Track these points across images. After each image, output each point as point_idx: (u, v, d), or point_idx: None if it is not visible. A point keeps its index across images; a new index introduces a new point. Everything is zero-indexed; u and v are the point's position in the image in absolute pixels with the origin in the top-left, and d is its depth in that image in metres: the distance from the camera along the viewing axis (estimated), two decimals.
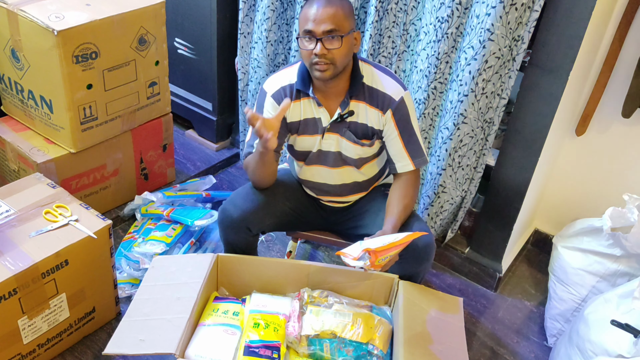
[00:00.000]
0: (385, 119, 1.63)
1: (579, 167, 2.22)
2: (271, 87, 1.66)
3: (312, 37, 1.50)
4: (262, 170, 1.65)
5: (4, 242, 1.62)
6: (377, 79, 1.63)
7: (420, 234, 1.50)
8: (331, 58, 1.51)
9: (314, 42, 1.50)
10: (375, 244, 1.43)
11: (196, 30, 2.59)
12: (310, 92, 1.63)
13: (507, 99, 1.89)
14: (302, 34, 1.52)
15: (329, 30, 1.49)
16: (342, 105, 1.63)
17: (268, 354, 1.45)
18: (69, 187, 2.10)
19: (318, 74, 1.54)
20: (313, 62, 1.52)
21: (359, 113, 1.64)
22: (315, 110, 1.65)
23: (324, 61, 1.51)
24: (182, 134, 2.95)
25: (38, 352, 1.72)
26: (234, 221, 1.67)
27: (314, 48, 1.50)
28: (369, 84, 1.63)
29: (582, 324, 1.73)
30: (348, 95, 1.62)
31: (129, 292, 2.03)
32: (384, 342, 1.55)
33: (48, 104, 2.02)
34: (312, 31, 1.50)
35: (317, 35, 1.50)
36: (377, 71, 1.65)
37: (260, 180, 1.69)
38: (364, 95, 1.63)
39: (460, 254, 2.30)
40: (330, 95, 1.64)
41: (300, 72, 1.64)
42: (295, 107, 1.66)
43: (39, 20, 1.85)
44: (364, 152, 1.69)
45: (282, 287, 1.70)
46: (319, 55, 1.50)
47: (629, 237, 1.78)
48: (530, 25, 1.73)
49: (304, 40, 1.53)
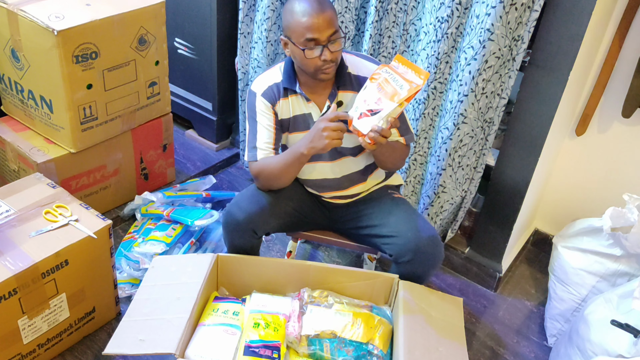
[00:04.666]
0: None
1: (579, 167, 2.22)
2: (259, 87, 1.68)
3: (317, 45, 1.51)
4: (295, 170, 1.65)
5: (4, 242, 1.62)
6: (361, 66, 1.67)
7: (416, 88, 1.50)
8: (335, 59, 1.55)
9: (320, 48, 1.52)
10: (387, 107, 1.47)
11: (196, 30, 2.59)
12: (297, 88, 1.64)
13: (507, 99, 1.89)
14: (304, 44, 1.52)
15: (331, 34, 1.51)
16: (331, 97, 1.65)
17: (268, 353, 1.45)
18: (69, 187, 2.10)
19: (324, 77, 1.57)
20: (321, 68, 1.54)
21: (348, 103, 1.66)
22: (304, 106, 1.67)
23: (331, 65, 1.54)
24: (182, 134, 2.95)
25: (38, 352, 1.72)
26: (240, 224, 1.66)
27: (320, 54, 1.52)
28: (354, 73, 1.66)
29: (582, 324, 1.73)
30: (335, 87, 1.64)
31: (129, 292, 2.03)
32: (384, 342, 1.55)
33: (48, 104, 2.02)
34: (316, 39, 1.51)
35: (322, 42, 1.51)
36: (356, 58, 1.68)
37: (280, 182, 1.68)
38: (351, 84, 1.65)
39: (460, 254, 2.30)
40: (317, 90, 1.65)
41: (285, 71, 1.66)
42: (284, 105, 1.67)
43: (39, 20, 1.85)
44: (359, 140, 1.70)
45: (282, 287, 1.70)
46: (329, 61, 1.53)
47: (629, 237, 1.78)
48: (530, 25, 1.73)
49: (307, 50, 1.53)
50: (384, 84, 1.50)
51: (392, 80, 1.49)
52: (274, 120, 1.67)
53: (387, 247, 1.68)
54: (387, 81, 1.50)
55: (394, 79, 1.49)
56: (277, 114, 1.68)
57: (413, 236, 1.62)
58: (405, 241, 1.63)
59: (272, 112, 1.67)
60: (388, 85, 1.49)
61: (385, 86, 1.50)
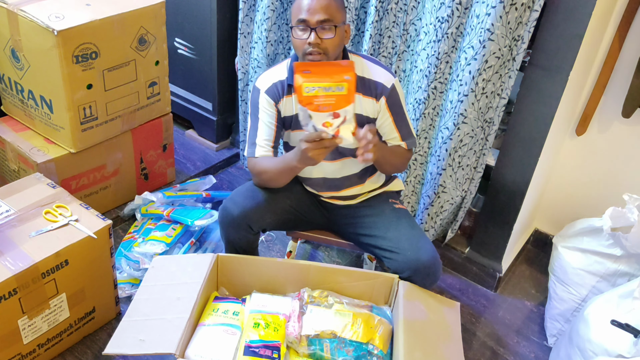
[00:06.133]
0: (380, 105, 1.67)
1: (579, 167, 2.22)
2: (264, 84, 1.68)
3: (306, 27, 1.52)
4: (288, 177, 1.67)
5: (4, 242, 1.62)
6: (368, 69, 1.66)
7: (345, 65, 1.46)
8: (324, 48, 1.54)
9: (308, 31, 1.53)
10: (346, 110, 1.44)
11: (196, 30, 2.59)
12: None
13: (507, 99, 1.89)
14: (296, 24, 1.54)
15: (323, 20, 1.51)
16: None
17: (268, 353, 1.45)
18: (69, 187, 2.10)
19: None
20: (307, 51, 1.54)
21: None
22: None
23: (317, 50, 1.53)
24: (182, 134, 2.95)
25: (38, 352, 1.72)
26: (235, 219, 1.67)
27: (307, 37, 1.52)
28: (360, 75, 1.65)
29: (582, 324, 1.73)
30: None
31: (129, 292, 2.03)
32: (384, 342, 1.55)
33: (48, 104, 2.02)
34: (306, 20, 1.52)
35: (312, 25, 1.52)
36: (366, 61, 1.68)
37: (276, 183, 1.70)
38: (356, 85, 1.64)
39: (460, 254, 2.30)
40: None
41: (290, 68, 1.66)
42: (287, 102, 1.67)
43: (39, 20, 1.85)
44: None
45: (282, 287, 1.70)
46: (313, 45, 1.52)
47: (629, 237, 1.78)
48: (530, 25, 1.73)
49: (297, 30, 1.54)
50: (320, 99, 1.44)
51: (325, 90, 1.44)
52: (276, 118, 1.68)
53: (387, 260, 1.70)
54: (322, 95, 1.44)
55: (326, 89, 1.43)
56: (279, 111, 1.68)
57: (413, 256, 1.63)
58: (405, 259, 1.63)
59: (274, 109, 1.67)
60: (327, 98, 1.44)
61: (325, 100, 1.44)
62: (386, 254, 1.69)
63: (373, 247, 1.74)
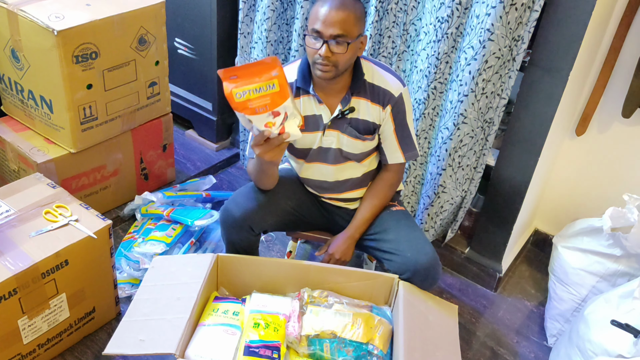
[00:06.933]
0: (385, 113, 1.67)
1: (579, 167, 2.22)
2: None
3: (319, 38, 1.51)
4: (266, 178, 1.68)
5: (4, 242, 1.62)
6: (378, 76, 1.66)
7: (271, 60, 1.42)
8: (334, 61, 1.52)
9: (320, 42, 1.51)
10: (285, 105, 1.39)
11: (196, 30, 2.59)
12: (311, 89, 1.64)
13: (507, 99, 1.89)
14: (310, 32, 1.53)
15: (336, 35, 1.49)
16: (343, 102, 1.64)
17: (268, 354, 1.45)
18: (69, 187, 2.10)
19: (319, 74, 1.55)
20: (317, 61, 1.53)
21: (359, 109, 1.65)
22: (315, 107, 1.66)
23: (326, 62, 1.52)
24: (182, 134, 2.95)
25: (38, 352, 1.72)
26: (237, 220, 1.67)
27: (319, 49, 1.51)
28: (370, 81, 1.65)
29: (582, 324, 1.73)
30: (350, 92, 1.64)
31: (129, 292, 2.03)
32: (384, 342, 1.55)
33: (48, 104, 2.02)
34: (320, 32, 1.50)
35: (324, 38, 1.50)
36: (377, 68, 1.67)
37: (264, 186, 1.72)
38: (365, 92, 1.65)
39: (460, 254, 2.30)
40: (331, 93, 1.65)
41: (300, 70, 1.65)
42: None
43: (39, 20, 1.85)
44: (365, 147, 1.71)
45: (282, 287, 1.70)
46: (323, 57, 1.51)
47: (629, 237, 1.78)
48: (530, 25, 1.73)
49: (310, 38, 1.53)
50: (254, 102, 1.40)
51: (257, 92, 1.39)
52: None
53: (386, 262, 1.70)
54: (254, 97, 1.40)
55: (257, 90, 1.39)
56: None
57: (412, 258, 1.63)
58: (405, 260, 1.64)
59: None
60: (260, 99, 1.39)
61: (259, 101, 1.40)
62: (386, 255, 1.69)
63: (372, 249, 1.75)
